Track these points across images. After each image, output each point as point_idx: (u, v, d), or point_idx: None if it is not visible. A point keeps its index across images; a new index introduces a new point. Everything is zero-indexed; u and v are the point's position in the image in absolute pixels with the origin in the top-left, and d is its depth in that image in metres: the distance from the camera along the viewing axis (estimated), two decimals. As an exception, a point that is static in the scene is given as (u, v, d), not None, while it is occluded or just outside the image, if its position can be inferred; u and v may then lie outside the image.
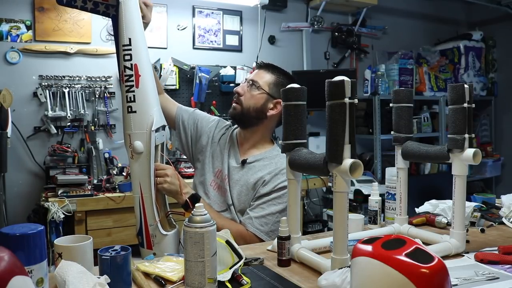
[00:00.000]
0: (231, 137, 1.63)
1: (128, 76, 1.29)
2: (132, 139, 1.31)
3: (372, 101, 3.59)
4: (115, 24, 1.31)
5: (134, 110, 1.30)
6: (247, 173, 1.53)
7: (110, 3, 1.33)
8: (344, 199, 0.98)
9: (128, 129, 1.32)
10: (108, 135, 3.05)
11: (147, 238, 1.33)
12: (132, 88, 1.29)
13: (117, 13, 1.28)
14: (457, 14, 4.70)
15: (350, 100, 0.95)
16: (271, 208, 1.46)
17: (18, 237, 0.80)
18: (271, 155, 1.55)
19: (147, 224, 1.33)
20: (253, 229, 1.44)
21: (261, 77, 1.56)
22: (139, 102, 1.29)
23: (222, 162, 1.58)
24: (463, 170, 1.17)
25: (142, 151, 1.31)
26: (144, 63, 1.31)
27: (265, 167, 1.52)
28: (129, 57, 1.28)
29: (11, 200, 2.75)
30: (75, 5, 1.30)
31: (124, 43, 1.28)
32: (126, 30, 1.28)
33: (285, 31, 3.74)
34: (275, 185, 1.47)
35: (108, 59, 3.04)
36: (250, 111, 1.54)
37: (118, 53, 1.32)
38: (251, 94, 1.55)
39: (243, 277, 0.99)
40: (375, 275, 0.69)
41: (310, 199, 3.49)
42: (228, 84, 3.33)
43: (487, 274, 1.03)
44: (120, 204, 2.55)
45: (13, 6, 2.81)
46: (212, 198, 1.56)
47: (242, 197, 1.51)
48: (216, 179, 1.58)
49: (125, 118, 1.33)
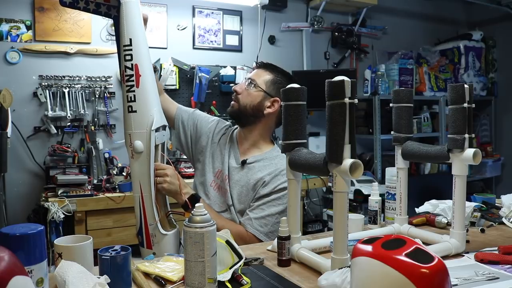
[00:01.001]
0: (231, 137, 1.63)
1: (129, 76, 1.30)
2: (132, 138, 1.32)
3: (372, 101, 3.59)
4: (117, 25, 1.32)
5: (134, 110, 1.31)
6: (247, 174, 1.53)
7: (111, 4, 1.34)
8: (344, 199, 0.98)
9: (128, 128, 1.33)
10: (108, 135, 3.05)
11: (147, 238, 1.34)
12: (133, 88, 1.30)
13: (118, 14, 1.30)
14: (457, 14, 4.70)
15: (350, 100, 0.95)
16: (270, 209, 1.46)
17: (18, 237, 0.80)
18: (271, 156, 1.55)
19: (147, 223, 1.34)
20: (253, 230, 1.44)
21: (259, 76, 1.58)
22: (139, 102, 1.30)
23: (223, 163, 1.58)
24: (463, 170, 1.17)
25: (142, 150, 1.32)
26: (144, 64, 1.32)
27: (265, 167, 1.52)
28: (130, 57, 1.29)
29: (11, 200, 2.75)
30: (77, 6, 1.31)
31: (125, 44, 1.29)
32: (127, 30, 1.29)
33: (285, 31, 3.74)
34: (275, 186, 1.47)
35: (108, 59, 3.04)
36: (246, 109, 1.55)
37: (119, 53, 1.33)
38: (248, 92, 1.56)
39: (243, 277, 0.99)
40: (375, 275, 0.69)
41: (310, 199, 3.49)
42: (228, 84, 3.33)
43: (487, 274, 1.03)
44: (120, 204, 2.55)
45: (13, 6, 2.81)
46: (212, 199, 1.56)
47: (242, 197, 1.51)
48: (216, 180, 1.58)
49: (125, 117, 1.34)
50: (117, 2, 1.31)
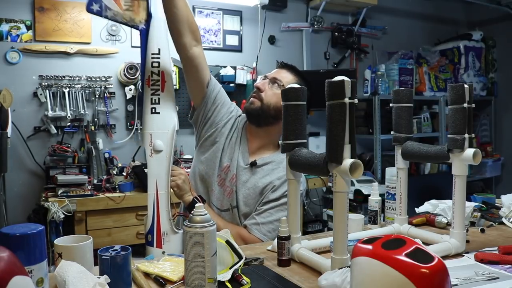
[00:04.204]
0: (243, 134, 1.57)
1: (155, 80, 1.40)
2: (153, 138, 1.38)
3: (372, 101, 3.59)
4: (145, 35, 1.41)
5: (157, 112, 1.39)
6: (255, 176, 1.49)
7: (140, 18, 1.41)
8: (344, 199, 0.98)
9: (149, 128, 1.39)
10: (108, 135, 3.05)
11: (158, 237, 1.36)
12: (158, 91, 1.40)
13: (148, 25, 1.40)
14: (457, 14, 4.71)
15: (350, 100, 0.95)
16: (279, 214, 1.43)
17: (18, 237, 0.80)
18: (279, 159, 1.51)
19: (160, 222, 1.35)
20: (260, 235, 1.41)
21: (284, 77, 1.53)
22: (163, 105, 1.40)
23: (232, 159, 1.53)
24: (463, 170, 1.17)
25: (162, 149, 1.38)
26: (169, 71, 1.42)
27: (273, 171, 1.49)
28: (157, 64, 1.40)
29: (11, 200, 2.75)
30: (105, 15, 1.36)
31: (153, 52, 1.40)
32: (157, 40, 1.41)
33: (285, 31, 3.74)
34: (285, 191, 1.43)
35: (108, 59, 3.04)
36: (270, 109, 1.50)
37: (144, 58, 1.41)
38: (273, 92, 1.51)
39: (243, 277, 0.99)
40: (375, 275, 0.69)
41: (310, 199, 3.49)
42: (228, 84, 3.33)
43: (487, 274, 1.03)
44: (120, 204, 2.55)
45: (13, 6, 2.81)
46: (215, 194, 1.52)
47: (249, 200, 1.48)
48: (222, 174, 1.52)
49: (147, 118, 1.40)
50: (148, 16, 1.40)
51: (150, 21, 1.41)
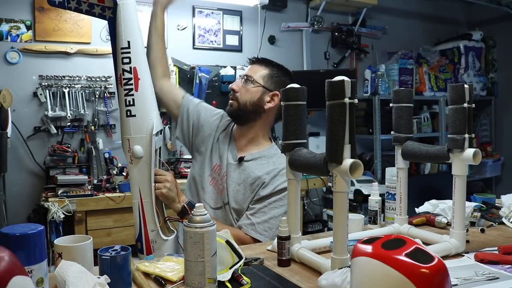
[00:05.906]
0: (231, 133, 1.61)
1: (127, 79, 1.27)
2: (131, 143, 1.29)
3: (372, 101, 3.59)
4: (112, 27, 1.28)
5: (133, 114, 1.28)
6: (244, 172, 1.51)
7: (106, 4, 1.29)
8: (344, 199, 0.98)
9: (126, 133, 1.30)
10: (108, 135, 3.05)
11: (147, 244, 1.31)
12: (131, 91, 1.28)
13: (115, 15, 1.26)
14: (457, 14, 4.70)
15: (350, 100, 0.95)
16: (273, 212, 1.44)
17: (18, 237, 0.80)
18: (269, 154, 1.53)
19: (147, 230, 1.32)
20: (257, 235, 1.42)
21: (255, 72, 1.55)
22: (138, 106, 1.28)
23: (221, 158, 1.56)
24: (463, 170, 1.17)
25: (142, 155, 1.29)
26: (143, 66, 1.29)
27: (262, 166, 1.50)
28: (128, 60, 1.26)
29: (11, 200, 2.75)
30: (68, 6, 1.26)
31: (122, 46, 1.27)
32: (125, 32, 1.26)
33: (285, 31, 3.74)
34: (275, 187, 1.45)
35: (108, 59, 3.04)
36: (246, 106, 1.52)
37: (115, 55, 1.30)
38: (246, 89, 1.53)
39: (243, 277, 0.99)
40: (375, 275, 0.69)
41: (310, 199, 3.48)
42: (228, 84, 3.33)
43: (487, 274, 1.03)
44: (120, 204, 2.55)
45: (13, 6, 2.81)
46: (208, 193, 1.54)
47: (239, 196, 1.49)
48: (213, 174, 1.56)
49: (123, 122, 1.30)
50: (113, 3, 1.27)
51: (116, 9, 1.26)
